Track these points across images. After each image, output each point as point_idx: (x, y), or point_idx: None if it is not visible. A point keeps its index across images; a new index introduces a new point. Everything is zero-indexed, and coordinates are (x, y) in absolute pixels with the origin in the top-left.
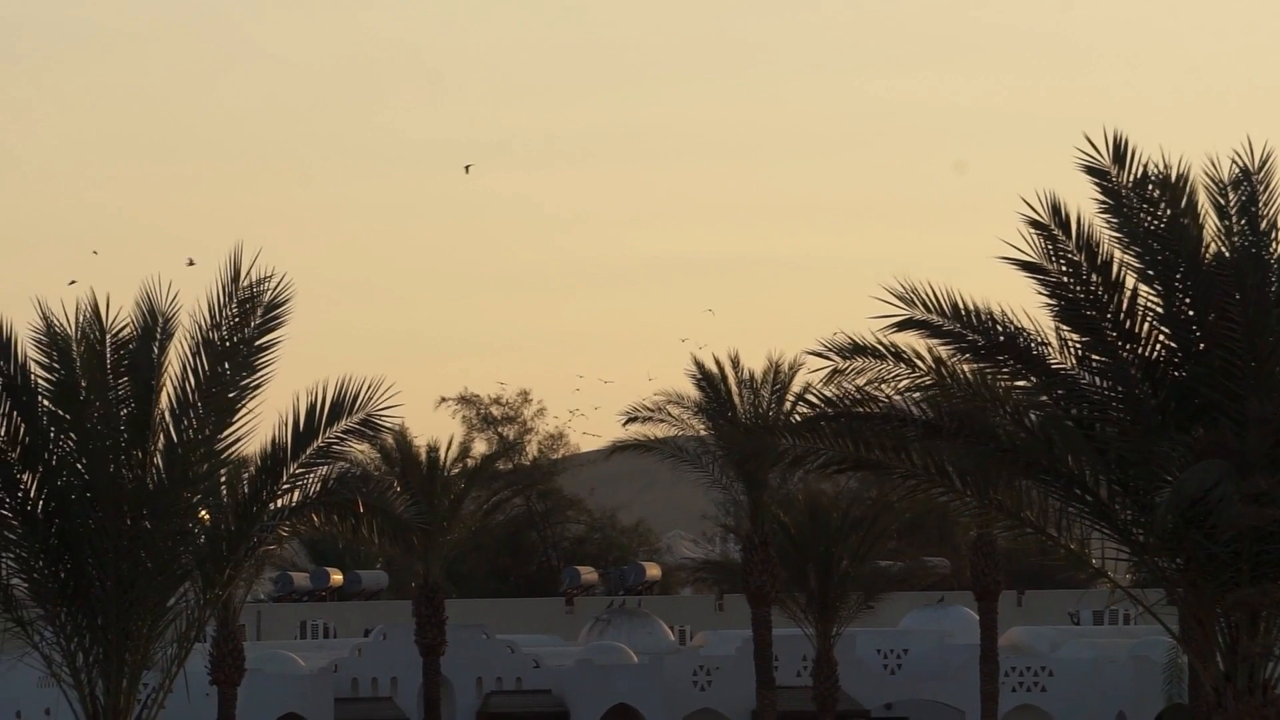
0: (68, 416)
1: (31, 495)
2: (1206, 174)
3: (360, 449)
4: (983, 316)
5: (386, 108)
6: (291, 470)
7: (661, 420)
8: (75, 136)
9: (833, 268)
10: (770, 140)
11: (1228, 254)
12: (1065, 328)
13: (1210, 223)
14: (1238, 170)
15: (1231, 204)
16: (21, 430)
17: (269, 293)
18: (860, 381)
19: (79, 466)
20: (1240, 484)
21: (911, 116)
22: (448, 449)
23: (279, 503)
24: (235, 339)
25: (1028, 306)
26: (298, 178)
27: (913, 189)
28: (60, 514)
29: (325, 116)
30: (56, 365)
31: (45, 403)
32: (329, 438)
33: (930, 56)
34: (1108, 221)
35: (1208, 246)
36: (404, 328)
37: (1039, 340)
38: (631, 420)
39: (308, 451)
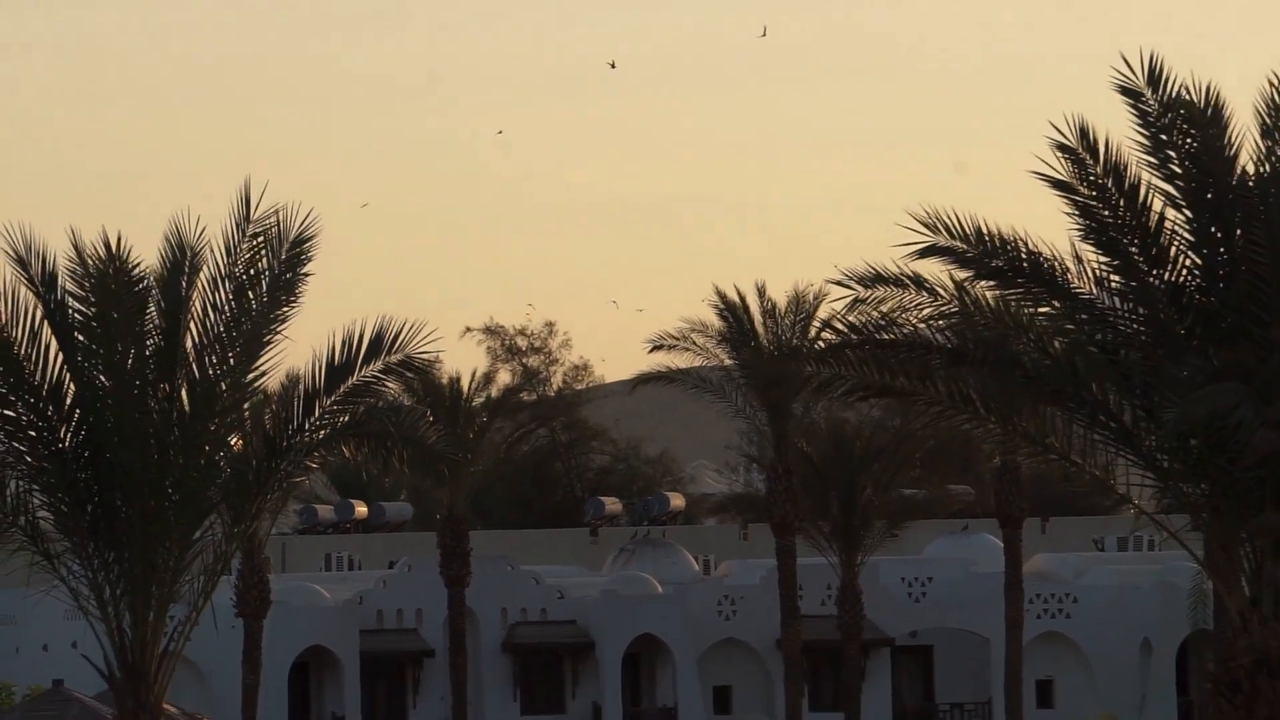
0: (98, 349)
1: (59, 428)
2: (1260, 94)
3: (394, 387)
4: (1007, 242)
5: (407, 42)
6: (325, 405)
7: (686, 349)
8: (112, 73)
9: (857, 200)
10: (795, 73)
11: (1265, 175)
12: (1091, 251)
13: (1249, 144)
14: None
15: (1277, 126)
16: (55, 363)
17: (296, 227)
18: (882, 310)
19: (106, 399)
20: (1262, 409)
21: (937, 48)
22: (472, 380)
23: (311, 436)
24: (256, 270)
25: (1051, 236)
26: (322, 109)
27: (937, 120)
28: (88, 447)
29: (344, 48)
30: (89, 297)
31: (76, 335)
32: (365, 376)
33: None
34: (1139, 144)
35: (1241, 168)
36: (428, 258)
37: (1063, 266)
38: (656, 348)
39: (342, 388)
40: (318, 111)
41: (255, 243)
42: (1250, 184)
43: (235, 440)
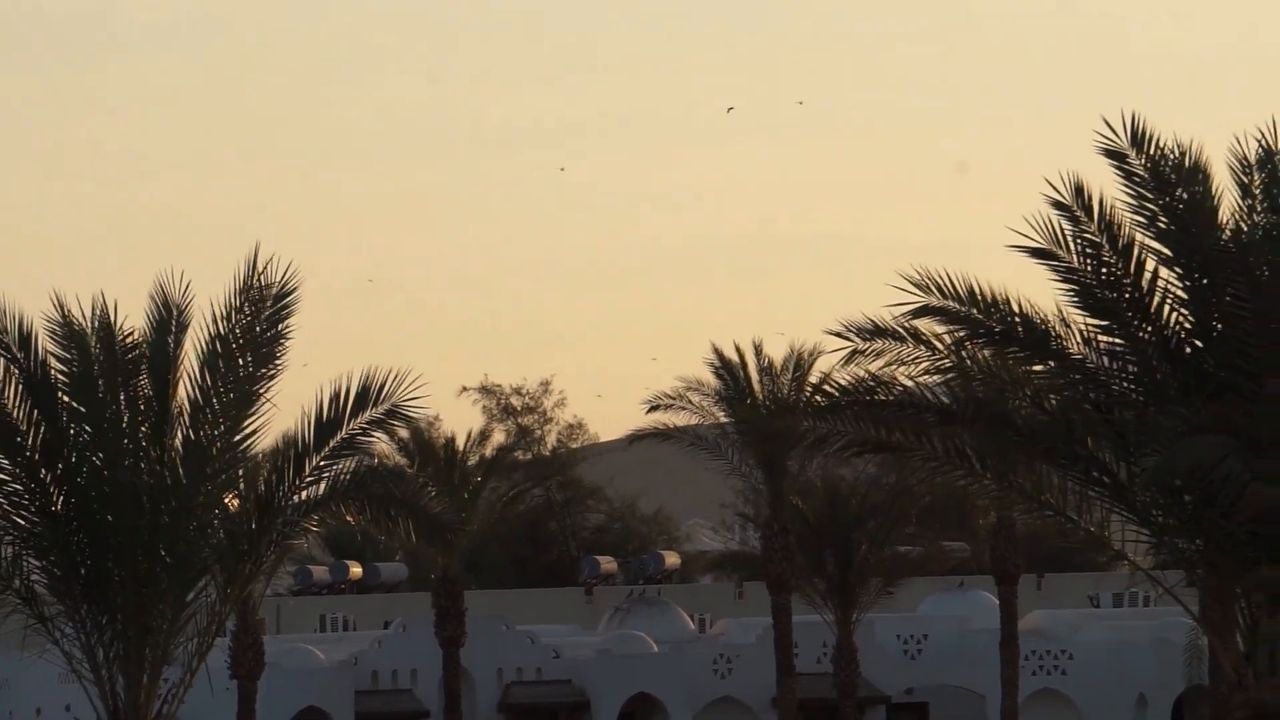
0: (85, 411)
1: (51, 491)
2: (1231, 153)
3: (382, 441)
4: (999, 302)
5: (393, 89)
6: (315, 462)
7: (682, 408)
8: (93, 129)
9: (854, 251)
10: (788, 122)
11: (1246, 232)
12: (1081, 311)
13: (1229, 202)
14: (1261, 150)
15: (1255, 183)
16: (41, 426)
17: (279, 282)
18: (879, 364)
19: (97, 461)
20: (1252, 461)
21: (929, 96)
22: (467, 440)
23: (302, 495)
24: (251, 332)
25: (1045, 291)
26: (317, 168)
27: (931, 172)
28: (80, 509)
29: (333, 102)
30: (73, 359)
31: (63, 397)
32: (353, 429)
33: (943, 33)
34: (1126, 204)
35: (1225, 225)
36: (427, 317)
37: (1056, 326)
38: (654, 409)
39: (331, 444)
40: (308, 167)
41: (241, 301)
42: (1238, 240)
43: (230, 499)
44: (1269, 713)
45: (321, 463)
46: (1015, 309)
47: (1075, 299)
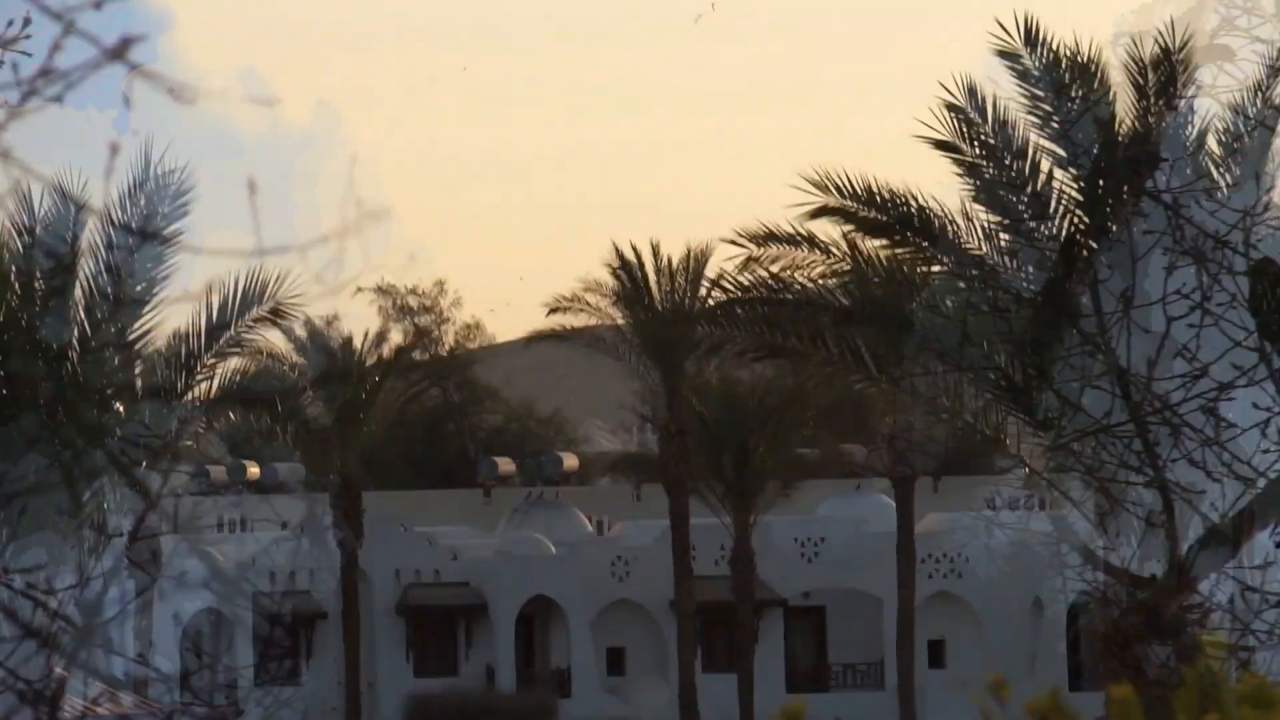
0: None
1: None
2: (1128, 53)
3: (274, 340)
4: (898, 200)
5: None
6: (205, 361)
7: (580, 310)
8: None
9: (755, 155)
10: (688, 21)
11: (1142, 132)
12: (980, 210)
13: (1125, 102)
14: (1158, 50)
15: (1151, 84)
16: None
17: (175, 181)
18: (774, 269)
19: None
20: None
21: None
22: (364, 340)
23: (196, 391)
24: (146, 230)
25: (943, 194)
26: (224, 44)
27: (831, 73)
28: None
29: None
30: None
31: None
32: (240, 328)
33: None
34: (1022, 104)
35: (1121, 124)
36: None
37: (954, 224)
38: (554, 311)
39: (220, 342)
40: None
41: (143, 201)
42: (1138, 138)
43: (119, 407)
44: (1162, 616)
45: (211, 361)
46: (913, 206)
47: (974, 194)
